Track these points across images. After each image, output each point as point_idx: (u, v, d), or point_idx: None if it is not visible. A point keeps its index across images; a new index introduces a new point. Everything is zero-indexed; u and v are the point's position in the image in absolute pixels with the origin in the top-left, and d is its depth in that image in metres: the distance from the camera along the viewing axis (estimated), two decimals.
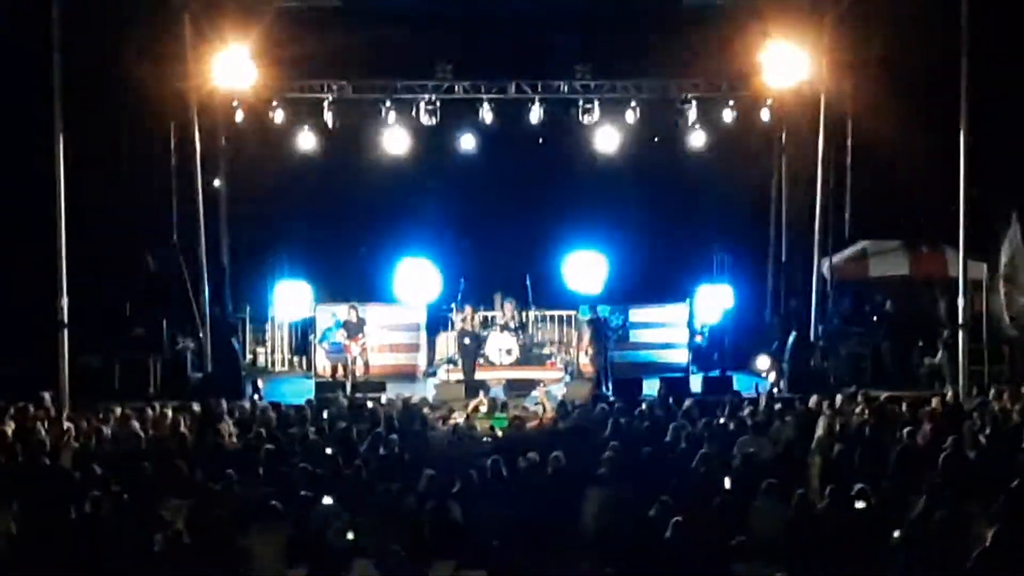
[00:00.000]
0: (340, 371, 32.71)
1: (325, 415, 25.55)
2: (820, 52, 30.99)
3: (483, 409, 27.52)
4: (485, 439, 23.73)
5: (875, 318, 33.15)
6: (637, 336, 34.18)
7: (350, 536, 17.51)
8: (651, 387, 30.29)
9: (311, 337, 34.18)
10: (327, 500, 18.80)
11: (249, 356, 34.87)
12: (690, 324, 33.75)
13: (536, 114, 33.91)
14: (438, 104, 33.88)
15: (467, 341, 32.57)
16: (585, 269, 35.53)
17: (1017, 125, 30.78)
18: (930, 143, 30.40)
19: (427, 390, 30.98)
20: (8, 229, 29.81)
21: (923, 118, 30.44)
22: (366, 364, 32.59)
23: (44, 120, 28.44)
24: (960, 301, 29.34)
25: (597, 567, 16.91)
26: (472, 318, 32.90)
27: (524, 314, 33.68)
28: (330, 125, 34.19)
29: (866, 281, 33.76)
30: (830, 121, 32.15)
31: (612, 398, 28.68)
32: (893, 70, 31.41)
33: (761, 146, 35.52)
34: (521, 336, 33.02)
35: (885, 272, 33.59)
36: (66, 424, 24.02)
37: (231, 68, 30.97)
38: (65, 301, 28.76)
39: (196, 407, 25.96)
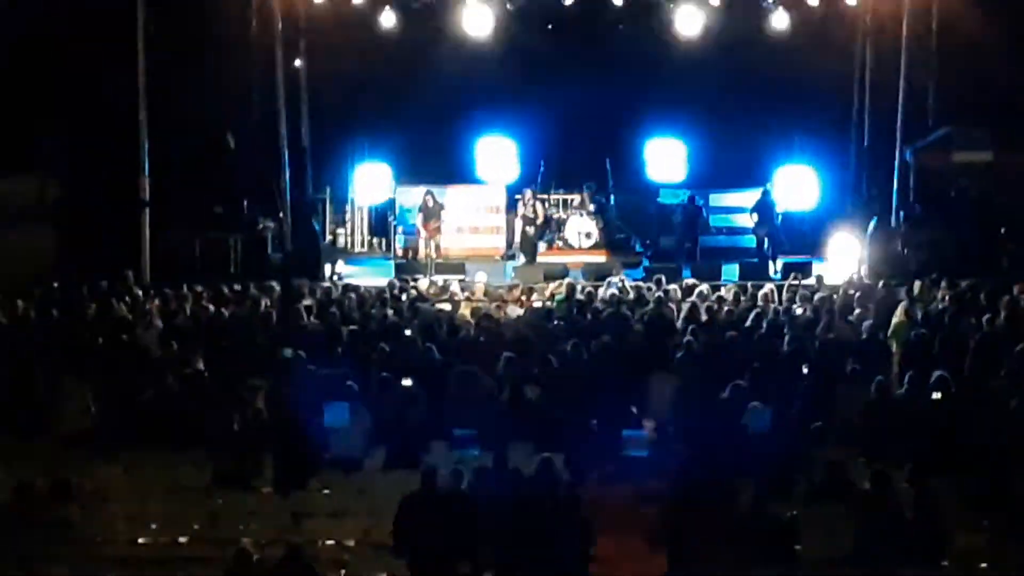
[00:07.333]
0: (416, 254, 32.59)
1: (404, 297, 25.62)
2: None
3: (563, 292, 27.37)
4: (557, 322, 23.67)
5: (958, 205, 32.74)
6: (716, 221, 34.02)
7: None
8: (730, 272, 30.22)
9: (390, 219, 34.12)
10: (406, 382, 18.92)
11: (329, 237, 34.85)
12: (760, 207, 32.99)
13: None
14: None
15: (529, 230, 32.43)
16: (665, 155, 35.24)
17: None
18: (1018, 30, 29.97)
19: (506, 273, 31.00)
20: (91, 108, 29.89)
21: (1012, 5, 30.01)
22: (438, 248, 32.36)
23: (126, 2, 28.57)
24: None
25: (673, 451, 16.98)
26: (533, 204, 32.64)
27: (603, 198, 33.47)
28: (412, 5, 33.96)
29: (949, 167, 33.34)
30: (916, 5, 31.62)
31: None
32: None
33: (846, 30, 34.94)
34: (600, 220, 32.82)
35: (969, 159, 33.15)
36: (147, 302, 24.26)
37: None
38: (147, 179, 29.02)
39: (276, 287, 26.16)
